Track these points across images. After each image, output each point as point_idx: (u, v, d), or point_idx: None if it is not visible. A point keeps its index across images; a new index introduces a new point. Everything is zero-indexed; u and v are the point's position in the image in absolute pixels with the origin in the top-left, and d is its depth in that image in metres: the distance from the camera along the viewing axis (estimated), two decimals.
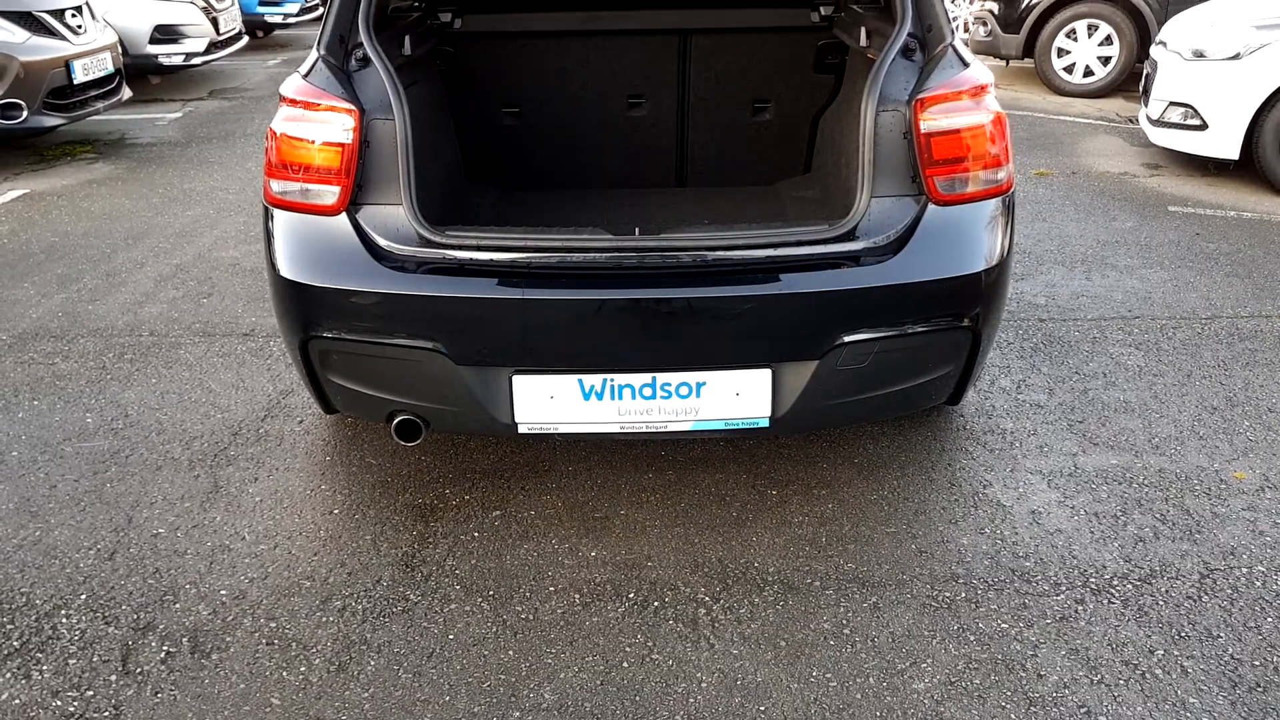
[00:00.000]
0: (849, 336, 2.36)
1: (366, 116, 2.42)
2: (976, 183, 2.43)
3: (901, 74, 2.48)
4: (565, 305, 2.33)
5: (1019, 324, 3.88)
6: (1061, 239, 4.86)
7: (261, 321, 3.95)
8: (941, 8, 2.62)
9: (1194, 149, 5.74)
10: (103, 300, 4.17)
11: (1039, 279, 4.35)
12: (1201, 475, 2.86)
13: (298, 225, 2.46)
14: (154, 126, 7.51)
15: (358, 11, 2.58)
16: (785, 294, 2.33)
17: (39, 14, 6.18)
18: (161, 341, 3.79)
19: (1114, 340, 3.74)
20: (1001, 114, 2.49)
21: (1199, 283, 4.29)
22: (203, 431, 3.14)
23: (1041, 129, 7.28)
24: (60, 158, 6.55)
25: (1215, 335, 3.77)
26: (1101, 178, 5.98)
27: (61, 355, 3.67)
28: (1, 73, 5.86)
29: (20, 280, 4.40)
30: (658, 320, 2.34)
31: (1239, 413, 3.21)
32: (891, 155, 2.43)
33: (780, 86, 3.61)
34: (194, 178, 6.09)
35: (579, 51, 3.56)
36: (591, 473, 2.91)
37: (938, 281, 2.40)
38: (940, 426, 3.15)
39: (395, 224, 2.41)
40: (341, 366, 2.51)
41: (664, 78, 3.62)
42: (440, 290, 2.35)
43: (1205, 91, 5.56)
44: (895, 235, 2.40)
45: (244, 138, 7.14)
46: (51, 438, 3.11)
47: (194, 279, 4.41)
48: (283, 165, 2.44)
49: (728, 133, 3.70)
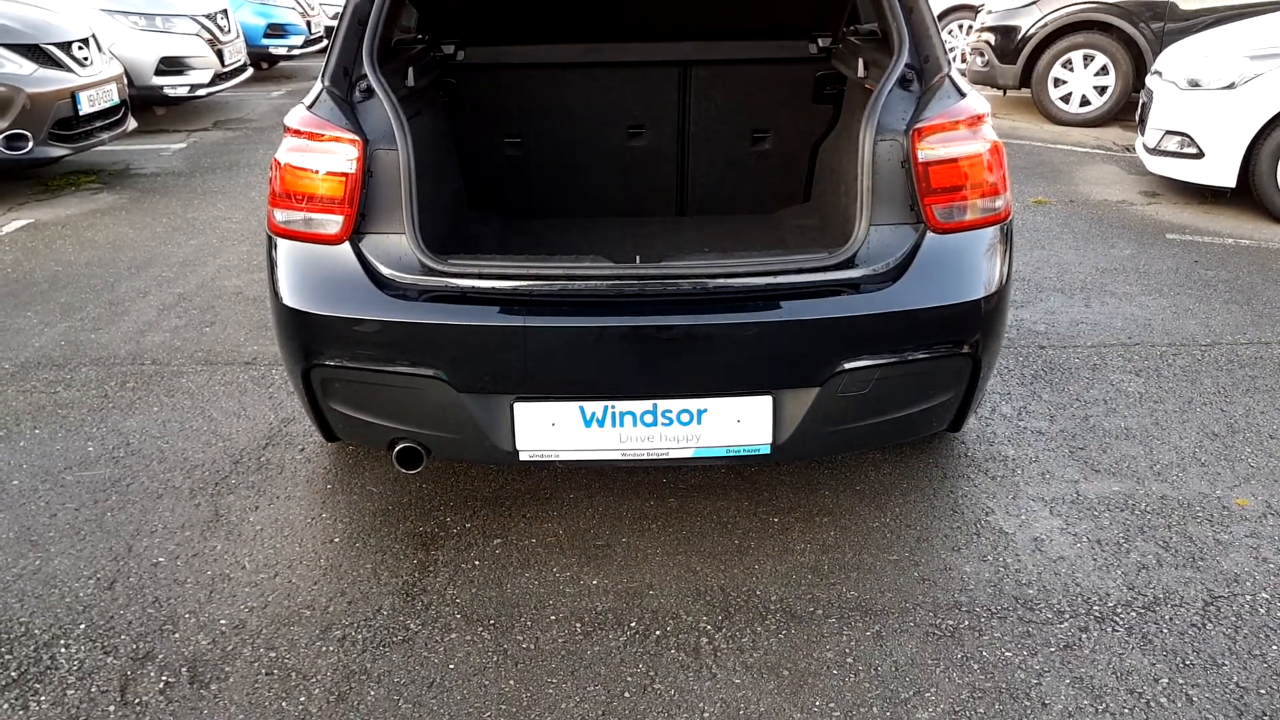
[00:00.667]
0: (849, 363, 2.37)
1: (370, 146, 2.44)
2: (974, 211, 2.45)
3: (899, 104, 2.50)
4: (566, 333, 2.34)
5: (1019, 351, 3.89)
6: (1060, 266, 4.88)
7: (263, 350, 3.96)
8: (938, 39, 2.65)
9: (1191, 177, 5.78)
10: (105, 329, 4.19)
11: (1038, 306, 4.37)
12: (1204, 502, 2.86)
13: (301, 254, 2.47)
14: (158, 157, 7.57)
15: (362, 44, 2.61)
16: (785, 321, 2.34)
17: (46, 46, 6.24)
18: (163, 370, 3.80)
19: (1114, 367, 3.75)
20: (998, 143, 2.51)
21: (1198, 309, 4.30)
22: (204, 460, 3.14)
23: (1039, 158, 7.33)
24: (65, 188, 6.60)
25: (1215, 362, 3.78)
26: (1099, 206, 6.01)
27: (63, 384, 3.68)
28: (8, 104, 5.91)
29: (23, 309, 4.42)
30: (659, 347, 2.35)
31: (1240, 439, 3.21)
32: (890, 184, 2.45)
33: (779, 116, 3.65)
34: (198, 207, 6.12)
35: (580, 83, 3.60)
36: (593, 500, 2.90)
37: (937, 308, 2.41)
38: (942, 453, 3.15)
39: (398, 252, 2.42)
40: (343, 394, 2.52)
41: (664, 108, 3.66)
42: (442, 318, 2.37)
43: (1201, 120, 5.61)
44: (894, 263, 2.41)
45: (248, 168, 7.19)
46: (52, 466, 3.11)
47: (196, 308, 4.43)
48: (287, 195, 2.47)
49: (728, 162, 3.73)
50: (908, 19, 2.67)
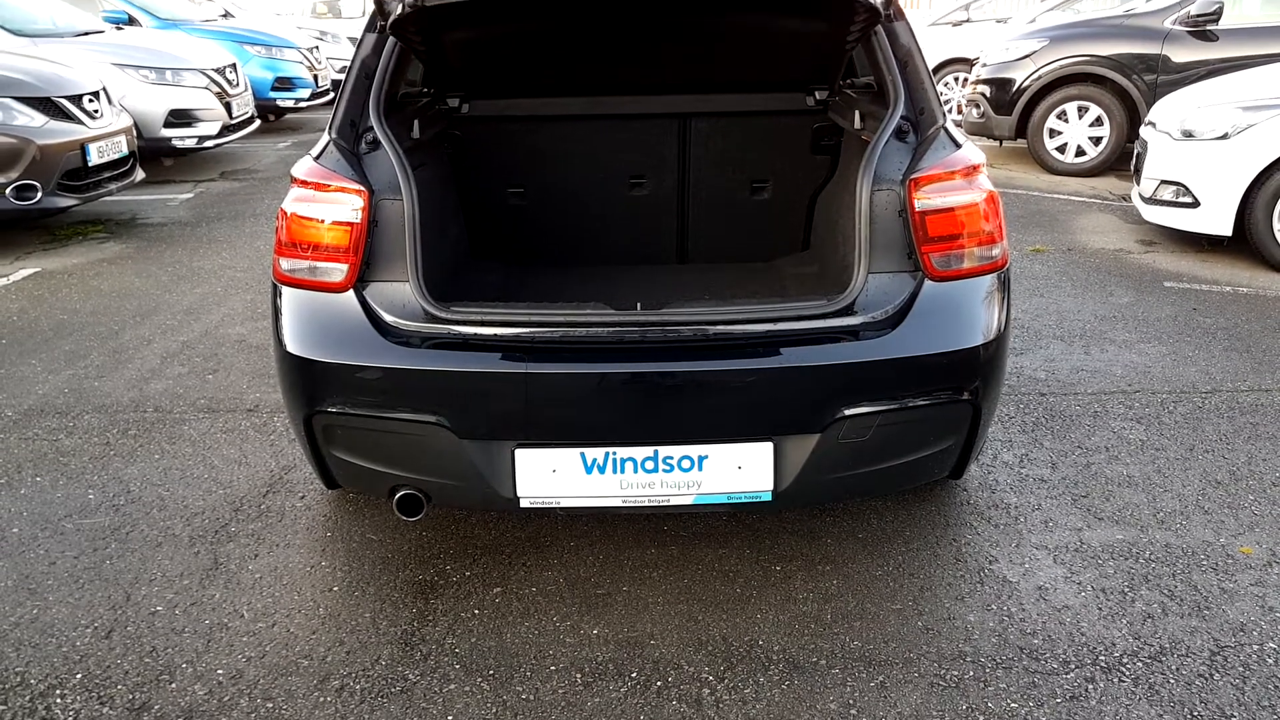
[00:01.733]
0: (850, 410, 2.37)
1: (376, 197, 2.48)
2: (972, 259, 2.48)
3: (895, 155, 2.54)
4: (568, 379, 2.36)
5: (1020, 398, 3.90)
6: (1059, 314, 4.91)
7: (266, 397, 3.97)
8: (933, 92, 2.70)
9: (1187, 226, 5.83)
10: (109, 376, 4.20)
11: (1038, 353, 4.38)
12: (1208, 550, 2.85)
13: (306, 302, 2.50)
14: (165, 206, 7.65)
15: (369, 97, 2.66)
16: (786, 367, 2.35)
17: (58, 100, 6.34)
18: (166, 417, 3.80)
19: (1115, 414, 3.75)
20: (994, 193, 2.54)
21: (1198, 357, 4.32)
22: (204, 507, 3.14)
23: (1036, 207, 7.40)
24: (72, 237, 6.66)
25: (1216, 409, 3.78)
26: (1097, 254, 6.05)
27: (66, 431, 3.68)
28: (19, 155, 5.99)
29: (28, 357, 4.44)
30: (659, 394, 2.36)
31: (1243, 487, 3.20)
32: (887, 233, 2.48)
33: (778, 167, 3.70)
34: (203, 256, 6.18)
35: (582, 135, 3.66)
36: (594, 548, 2.89)
37: (936, 355, 2.43)
38: (944, 501, 3.14)
39: (401, 300, 2.45)
40: (345, 441, 2.53)
41: (665, 159, 3.71)
42: (445, 365, 2.38)
43: (1196, 170, 5.67)
44: (893, 310, 2.43)
45: (253, 217, 7.26)
46: (53, 514, 3.10)
47: (200, 355, 4.45)
48: (292, 244, 2.50)
49: (727, 211, 3.77)
50: (902, 72, 2.72)
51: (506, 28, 2.98)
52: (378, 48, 2.82)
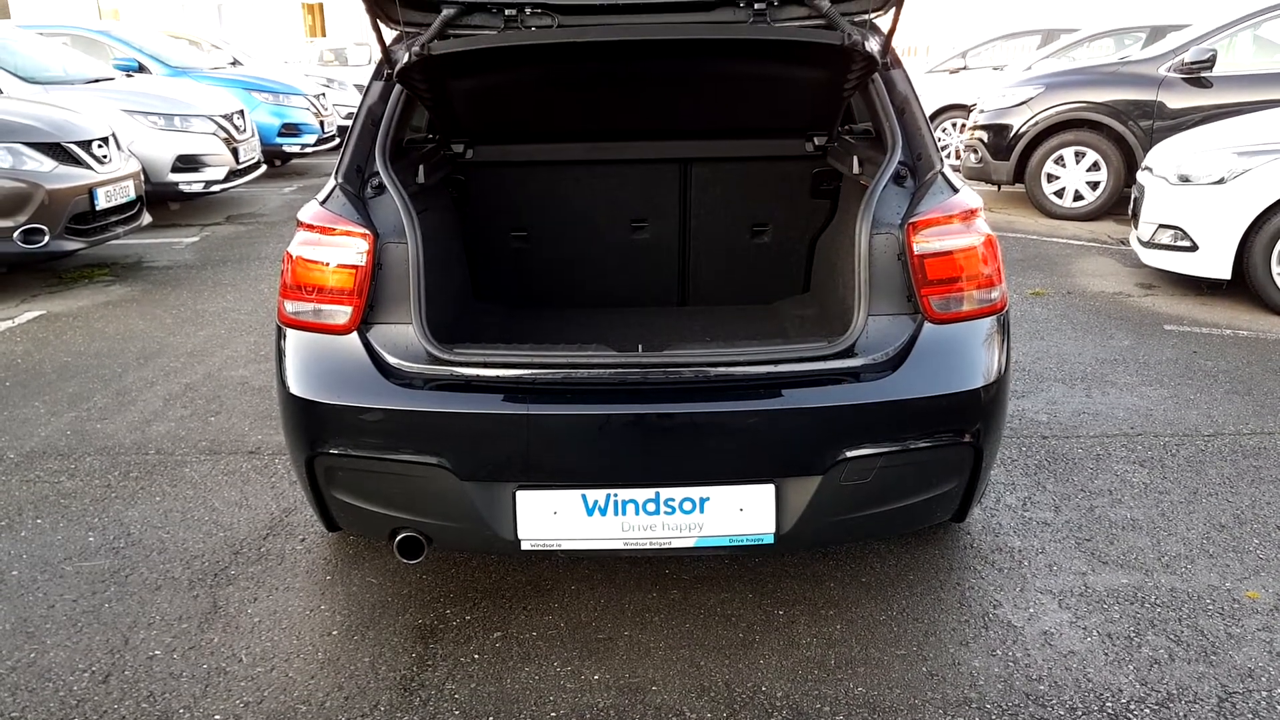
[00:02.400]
0: (851, 451, 2.38)
1: (380, 240, 2.51)
2: (971, 302, 2.49)
3: (894, 199, 2.57)
4: (569, 420, 2.36)
5: (1022, 441, 3.89)
6: (1060, 357, 4.92)
7: (267, 439, 3.97)
8: (930, 138, 2.74)
9: (1186, 269, 5.86)
10: (111, 419, 4.21)
11: (1040, 396, 4.38)
12: (1214, 594, 2.83)
13: (310, 344, 2.51)
14: (171, 250, 7.70)
15: (375, 143, 2.70)
16: (787, 409, 2.36)
17: (67, 145, 6.42)
18: (167, 460, 3.80)
19: (1118, 457, 3.75)
20: (992, 236, 2.56)
21: (1199, 400, 4.32)
22: (204, 550, 3.13)
23: (1035, 250, 7.44)
24: (78, 280, 6.71)
25: (1219, 452, 3.78)
26: (1097, 297, 6.08)
27: (67, 473, 3.68)
28: (27, 200, 6.05)
29: (31, 399, 4.45)
30: (661, 435, 2.37)
31: (1248, 530, 3.19)
32: (887, 276, 2.50)
33: (778, 211, 3.73)
34: (207, 299, 6.21)
35: (585, 179, 3.70)
36: (595, 591, 2.88)
37: (937, 397, 2.43)
38: (947, 544, 3.12)
39: (405, 342, 2.46)
40: (346, 483, 2.53)
41: (666, 203, 3.75)
42: (447, 406, 2.39)
43: (1193, 214, 5.72)
44: (893, 352, 2.44)
45: (258, 261, 7.31)
46: (52, 557, 3.09)
47: (203, 397, 4.46)
48: (297, 286, 2.52)
49: (728, 254, 3.80)
50: (900, 119, 2.76)
51: (510, 76, 3.03)
52: (384, 95, 2.87)
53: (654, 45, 2.79)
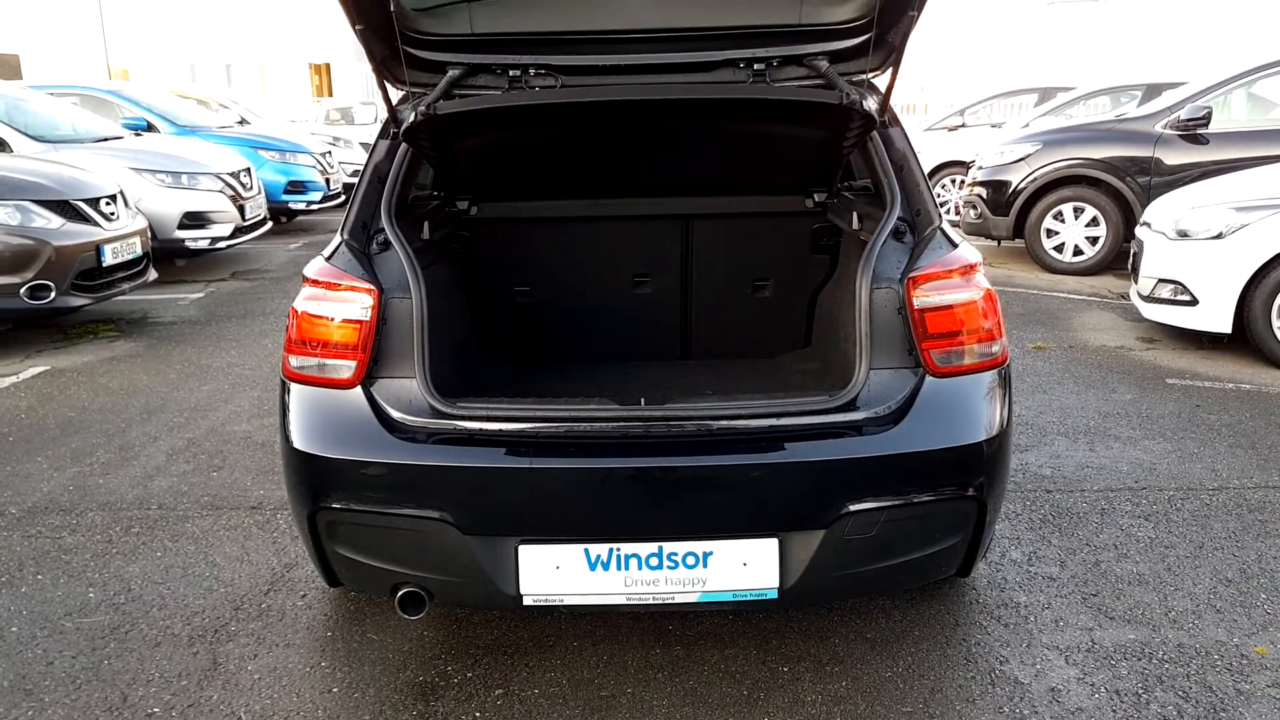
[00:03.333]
0: (855, 505, 2.37)
1: (385, 295, 2.53)
2: (972, 355, 2.51)
3: (893, 254, 2.60)
4: (572, 474, 2.37)
5: (1026, 495, 3.88)
6: (1063, 411, 4.92)
7: (270, 494, 3.96)
8: (928, 194, 2.78)
9: (1186, 323, 5.89)
10: (114, 474, 4.21)
11: (1043, 450, 4.38)
12: (1222, 650, 2.80)
13: (313, 398, 2.52)
14: (176, 306, 7.76)
15: (381, 200, 2.75)
16: (789, 463, 2.36)
17: (75, 202, 6.51)
18: (169, 515, 3.80)
19: (1123, 511, 3.73)
20: (992, 291, 2.59)
21: (1203, 454, 4.31)
22: (204, 606, 3.11)
23: (1036, 305, 7.48)
24: (83, 336, 6.74)
25: (1224, 507, 3.76)
26: (1098, 351, 6.09)
27: (69, 529, 3.67)
28: (34, 257, 6.12)
29: (34, 454, 4.45)
30: (664, 489, 2.37)
31: (1254, 585, 3.16)
32: (888, 330, 2.52)
33: (779, 266, 3.77)
34: (212, 354, 6.24)
35: (587, 235, 3.74)
36: (597, 648, 2.85)
37: (940, 451, 2.44)
38: (953, 600, 3.10)
39: (408, 396, 2.47)
40: (348, 538, 2.52)
41: (668, 259, 3.79)
42: (449, 460, 2.39)
43: (1192, 269, 5.76)
44: (895, 406, 2.45)
45: (262, 316, 7.36)
46: (52, 613, 3.07)
47: (205, 452, 4.46)
48: (302, 341, 2.54)
49: (730, 309, 3.83)
50: (898, 175, 2.81)
51: (514, 135, 3.08)
52: (390, 153, 2.92)
53: (656, 105, 2.84)
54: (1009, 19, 32.74)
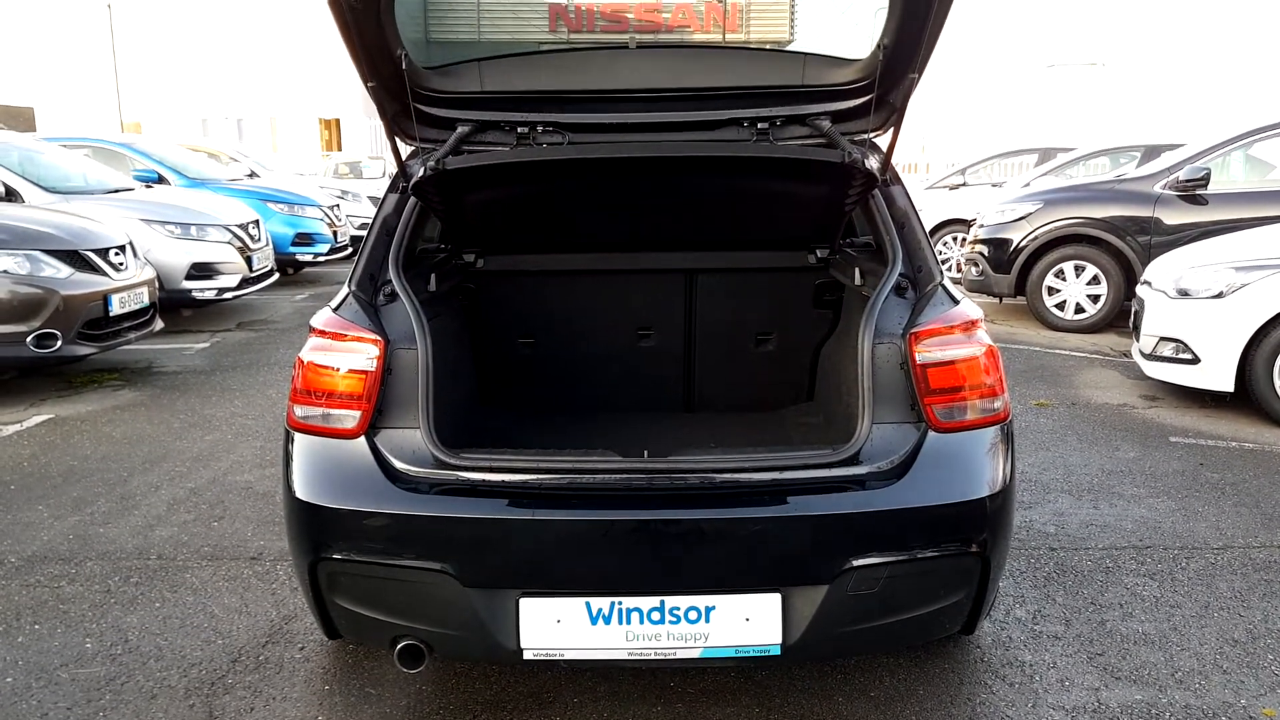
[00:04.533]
0: (858, 560, 2.37)
1: (391, 346, 2.55)
2: (974, 411, 2.52)
3: (895, 310, 2.63)
4: (574, 526, 2.36)
5: (1030, 553, 3.86)
6: (1066, 468, 4.91)
7: (270, 545, 3.95)
8: (930, 251, 2.81)
9: (1188, 382, 5.90)
10: (114, 523, 4.19)
11: (1047, 507, 4.36)
12: (1229, 712, 2.76)
13: (317, 448, 2.53)
14: (181, 355, 7.79)
15: (388, 252, 2.78)
16: (792, 516, 2.36)
17: (84, 253, 6.57)
18: (169, 565, 3.78)
19: (1127, 570, 3.70)
20: (993, 347, 2.60)
21: (1208, 512, 4.29)
22: (202, 658, 3.08)
23: (1038, 362, 7.50)
24: (88, 385, 6.77)
25: (1229, 566, 3.73)
26: (1101, 409, 6.09)
27: (68, 578, 3.65)
28: (42, 306, 6.16)
29: (35, 503, 4.45)
30: (666, 542, 2.36)
31: (1261, 646, 3.13)
32: (890, 385, 2.53)
33: (782, 320, 3.80)
34: (216, 404, 6.26)
35: (592, 289, 3.78)
36: (598, 704, 2.81)
37: (943, 506, 2.44)
38: (957, 658, 3.07)
39: (411, 447, 2.48)
40: (348, 589, 2.51)
41: (671, 312, 3.82)
42: (451, 511, 2.39)
43: (1194, 328, 5.78)
44: (898, 460, 2.45)
45: (267, 366, 7.39)
46: (49, 663, 3.05)
47: (207, 502, 4.45)
48: (307, 391, 2.55)
49: (733, 362, 3.85)
50: (900, 232, 2.85)
51: (521, 190, 3.13)
52: (399, 207, 2.96)
53: (661, 162, 2.89)
54: (1009, 82, 33.25)
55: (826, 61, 3.01)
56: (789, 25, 3.20)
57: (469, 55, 3.07)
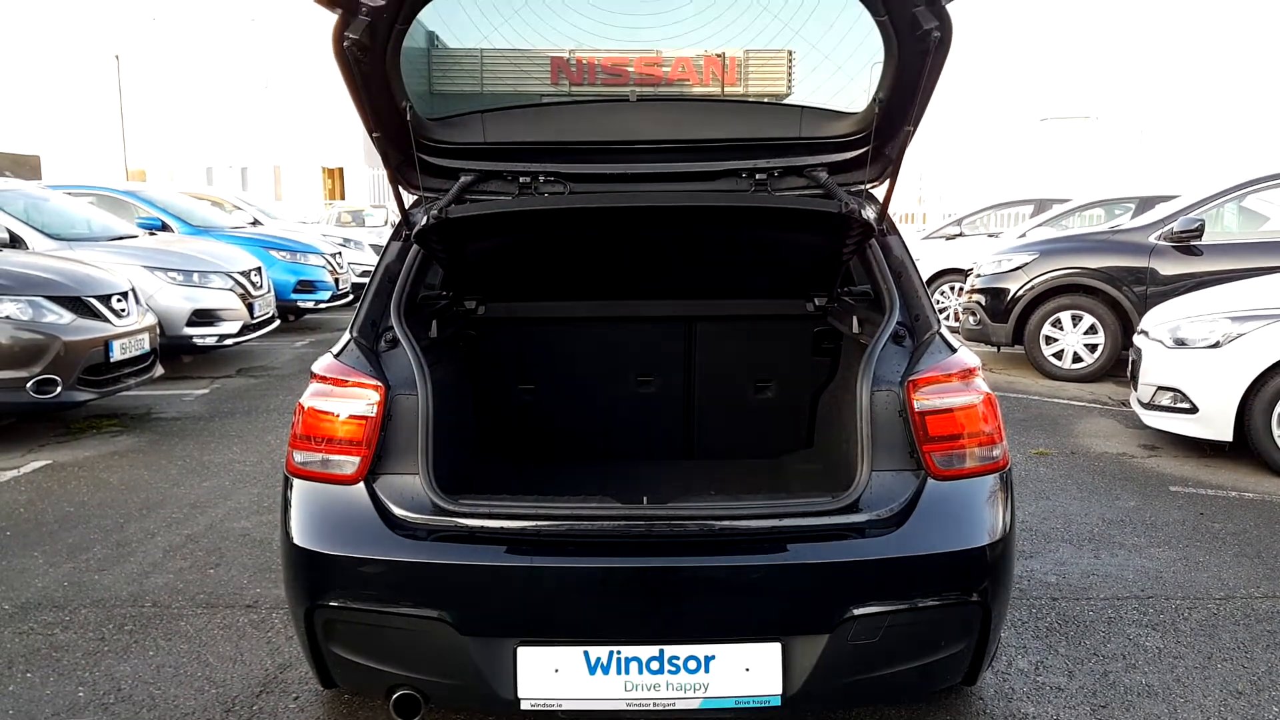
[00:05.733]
0: (858, 609, 2.35)
1: (391, 392, 2.56)
2: (973, 459, 2.52)
3: (893, 358, 2.64)
4: (573, 573, 2.35)
5: (1031, 603, 3.83)
6: (1066, 517, 4.89)
7: (266, 593, 3.92)
8: (927, 300, 2.84)
9: (1187, 431, 5.90)
10: (109, 570, 4.17)
11: (1048, 557, 4.34)
12: None
13: (316, 494, 2.53)
14: (180, 402, 7.79)
15: (390, 299, 2.81)
16: (792, 564, 2.35)
17: (87, 299, 6.61)
18: (164, 612, 3.75)
19: (1130, 620, 3.68)
20: (991, 395, 2.62)
21: (1209, 562, 4.27)
22: (195, 707, 3.04)
23: (1037, 411, 7.50)
24: (86, 430, 6.76)
25: (1231, 616, 3.71)
26: (1100, 458, 6.09)
27: (62, 626, 3.62)
28: (43, 352, 6.18)
29: (30, 549, 4.42)
30: (665, 590, 2.35)
31: (1265, 698, 3.10)
32: (889, 432, 2.54)
33: (780, 367, 3.81)
34: (214, 450, 6.24)
35: (592, 335, 3.80)
36: None
37: (943, 554, 2.43)
38: (959, 710, 3.03)
39: (411, 493, 2.48)
40: (345, 637, 2.49)
41: (671, 359, 3.83)
42: (450, 558, 2.39)
43: (1191, 377, 5.80)
44: (898, 508, 2.45)
45: (266, 413, 7.39)
46: (39, 713, 3.01)
47: (203, 549, 4.42)
48: (307, 437, 2.56)
49: (732, 409, 3.86)
50: (897, 281, 2.87)
51: (523, 239, 3.16)
52: (401, 254, 2.99)
53: (662, 212, 2.93)
54: (1004, 134, 33.67)
55: (823, 115, 3.07)
56: (786, 79, 3.25)
57: (472, 107, 3.13)
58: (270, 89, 32.45)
